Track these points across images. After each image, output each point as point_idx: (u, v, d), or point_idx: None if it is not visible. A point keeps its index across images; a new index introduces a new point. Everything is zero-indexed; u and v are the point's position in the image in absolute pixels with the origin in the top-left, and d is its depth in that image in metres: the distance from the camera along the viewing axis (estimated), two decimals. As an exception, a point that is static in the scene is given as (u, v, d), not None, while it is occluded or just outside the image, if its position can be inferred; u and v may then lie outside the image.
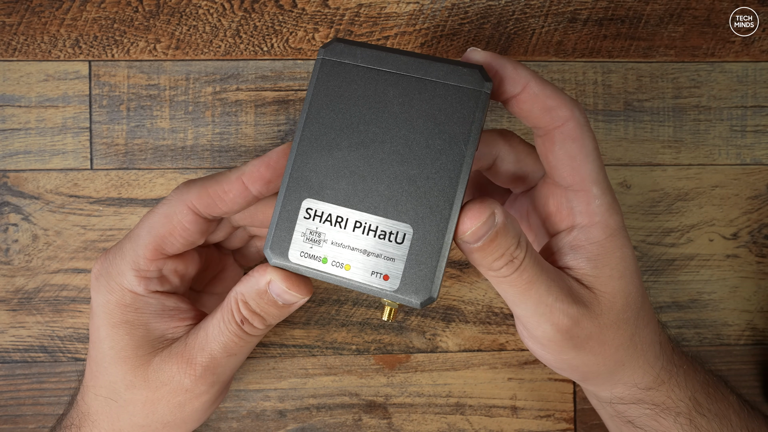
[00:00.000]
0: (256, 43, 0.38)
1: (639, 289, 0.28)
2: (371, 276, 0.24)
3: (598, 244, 0.27)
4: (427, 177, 0.24)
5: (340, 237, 0.25)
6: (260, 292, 0.26)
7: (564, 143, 0.26)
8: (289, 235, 0.25)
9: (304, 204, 0.25)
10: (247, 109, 0.38)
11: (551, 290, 0.26)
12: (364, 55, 0.25)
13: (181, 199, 0.28)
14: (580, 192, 0.27)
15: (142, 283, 0.29)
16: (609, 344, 0.28)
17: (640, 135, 0.39)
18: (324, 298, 0.39)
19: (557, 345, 0.27)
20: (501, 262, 0.25)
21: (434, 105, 0.25)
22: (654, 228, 0.39)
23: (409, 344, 0.38)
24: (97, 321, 0.29)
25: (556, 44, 0.39)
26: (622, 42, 0.39)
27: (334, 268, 0.24)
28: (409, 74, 0.25)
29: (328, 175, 0.25)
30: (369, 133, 0.25)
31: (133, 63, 0.37)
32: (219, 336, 0.28)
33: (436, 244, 0.24)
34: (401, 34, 0.38)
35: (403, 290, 0.24)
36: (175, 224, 0.28)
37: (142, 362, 0.29)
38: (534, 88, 0.25)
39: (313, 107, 0.25)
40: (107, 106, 0.37)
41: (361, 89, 0.25)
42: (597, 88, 0.39)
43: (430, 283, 0.24)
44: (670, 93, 0.39)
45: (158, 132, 0.38)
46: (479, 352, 0.38)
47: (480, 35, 0.39)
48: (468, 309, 0.39)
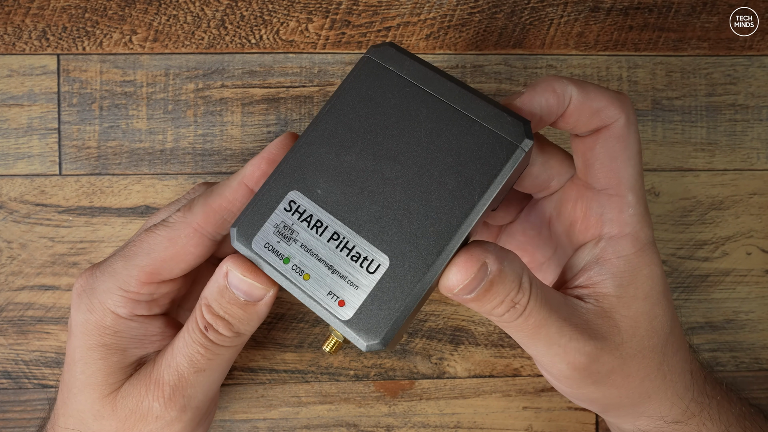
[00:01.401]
0: (243, 35, 0.36)
1: (667, 313, 0.27)
2: (327, 296, 0.24)
3: (626, 259, 0.26)
4: (426, 215, 0.24)
5: (312, 242, 0.24)
6: (221, 288, 0.25)
7: (607, 141, 0.26)
8: (261, 221, 0.24)
9: (289, 195, 0.24)
10: (233, 108, 0.36)
11: (563, 331, 0.25)
12: (411, 67, 0.25)
13: (185, 222, 0.28)
14: (614, 197, 0.26)
15: (127, 306, 0.28)
16: (634, 376, 0.27)
17: (669, 137, 0.38)
18: (318, 319, 0.37)
19: (574, 381, 0.26)
20: (501, 308, 0.24)
21: (463, 143, 0.24)
22: (685, 240, 0.38)
23: (413, 369, 0.37)
24: (74, 341, 0.28)
25: (576, 36, 0.37)
26: (649, 33, 0.38)
27: (292, 272, 0.24)
28: (449, 102, 0.25)
29: (326, 175, 0.24)
30: (385, 148, 0.24)
31: (107, 57, 0.36)
32: (184, 348, 0.27)
33: (407, 288, 0.23)
34: (404, 25, 0.37)
35: (353, 324, 0.23)
36: (179, 248, 0.28)
37: (111, 390, 0.28)
38: (578, 96, 0.25)
39: (339, 102, 0.25)
40: (78, 104, 0.36)
41: (395, 101, 0.25)
42: (622, 84, 0.38)
43: (384, 328, 0.23)
44: (704, 90, 0.38)
45: (134, 133, 0.36)
46: (491, 378, 0.37)
47: (492, 26, 0.37)
48: (478, 330, 0.37)
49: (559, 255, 0.30)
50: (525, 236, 0.31)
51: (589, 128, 0.26)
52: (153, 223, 0.29)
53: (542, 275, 0.31)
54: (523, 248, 0.31)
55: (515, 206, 0.32)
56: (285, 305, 0.36)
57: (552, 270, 0.31)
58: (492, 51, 0.37)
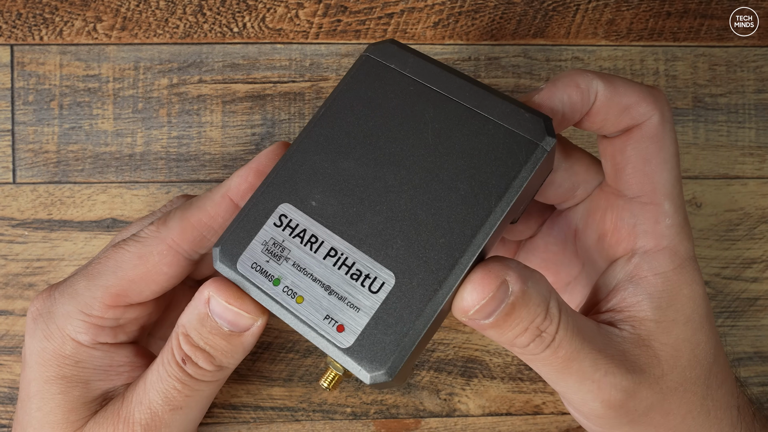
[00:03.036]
0: (224, 23, 0.35)
1: (710, 339, 0.26)
2: (324, 320, 0.22)
3: (664, 276, 0.25)
4: (436, 226, 0.22)
5: (306, 261, 0.23)
6: (201, 316, 0.24)
7: (639, 142, 0.25)
8: (248, 238, 0.24)
9: (280, 209, 0.24)
10: (213, 106, 0.35)
11: (598, 364, 0.24)
12: (415, 64, 0.24)
13: (159, 238, 0.27)
14: (649, 206, 0.25)
15: (90, 332, 0.27)
16: (674, 413, 0.25)
17: (713, 139, 0.36)
18: (311, 348, 0.35)
19: (608, 421, 0.25)
20: (526, 338, 0.23)
21: (476, 144, 0.23)
22: (731, 258, 0.36)
23: (419, 406, 0.35)
24: (29, 373, 0.27)
25: (606, 24, 0.36)
26: (690, 21, 0.36)
27: (284, 295, 0.23)
28: (459, 100, 0.24)
29: (321, 185, 0.24)
30: (388, 153, 0.24)
31: (67, 48, 0.35)
32: (158, 383, 0.26)
33: (416, 309, 0.22)
34: (408, 11, 0.35)
35: (355, 352, 0.22)
36: (151, 267, 0.27)
37: (73, 429, 0.27)
38: (604, 92, 0.24)
39: (335, 105, 0.24)
40: (34, 102, 0.35)
41: (398, 101, 0.24)
42: (658, 79, 0.36)
43: (391, 355, 0.22)
44: (752, 86, 0.36)
45: (99, 136, 0.35)
46: (508, 417, 0.35)
47: (509, 12, 0.35)
48: (494, 361, 0.35)
49: (587, 273, 0.29)
50: (548, 253, 0.30)
51: (619, 128, 0.25)
52: (122, 238, 0.28)
53: (568, 297, 0.30)
54: (546, 266, 0.30)
55: (536, 218, 0.31)
56: (272, 333, 0.35)
57: (579, 291, 0.30)
58: (509, 41, 0.35)
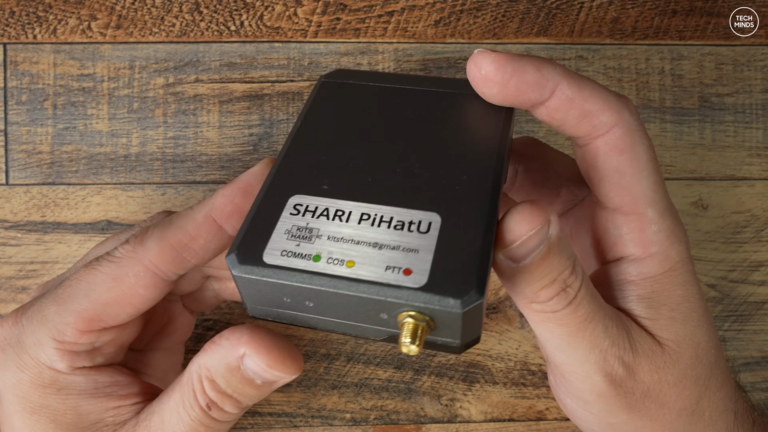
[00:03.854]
0: (221, 21, 0.34)
1: (711, 339, 0.26)
2: (386, 271, 0.20)
3: (653, 280, 0.25)
4: (453, 171, 0.22)
5: (342, 231, 0.21)
6: (231, 368, 0.23)
7: (609, 156, 0.24)
8: (267, 233, 0.21)
9: (291, 200, 0.22)
10: (210, 106, 0.34)
11: (608, 332, 0.23)
12: (371, 75, 0.26)
13: (135, 258, 0.25)
14: (631, 216, 0.25)
15: (65, 359, 0.25)
16: (669, 408, 0.25)
17: (720, 140, 0.36)
18: (309, 352, 0.34)
19: (606, 402, 0.25)
20: (551, 290, 0.22)
21: (453, 112, 0.24)
22: (738, 261, 0.35)
23: (420, 412, 0.34)
24: (8, 408, 0.26)
25: (610, 22, 0.35)
26: (696, 19, 0.36)
27: (331, 266, 0.20)
28: (423, 88, 0.25)
29: (324, 172, 0.22)
30: (378, 134, 0.24)
31: (62, 46, 0.34)
32: (179, 425, 0.25)
33: (476, 229, 0.21)
34: (409, 9, 0.34)
35: (434, 286, 0.19)
36: (126, 290, 0.25)
37: None
38: (566, 90, 0.23)
39: (310, 115, 0.25)
40: (27, 102, 0.34)
41: (368, 101, 0.25)
42: (664, 79, 0.35)
43: (473, 275, 0.19)
44: (760, 85, 0.36)
45: (94, 136, 0.34)
46: (511, 423, 0.34)
47: (512, 10, 0.35)
48: (496, 366, 0.34)
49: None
50: None
51: (578, 132, 0.25)
52: (96, 255, 0.27)
53: None
54: None
55: None
56: (270, 337, 0.33)
57: None
58: (512, 40, 0.35)
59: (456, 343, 0.20)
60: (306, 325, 0.21)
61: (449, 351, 0.21)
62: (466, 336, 0.20)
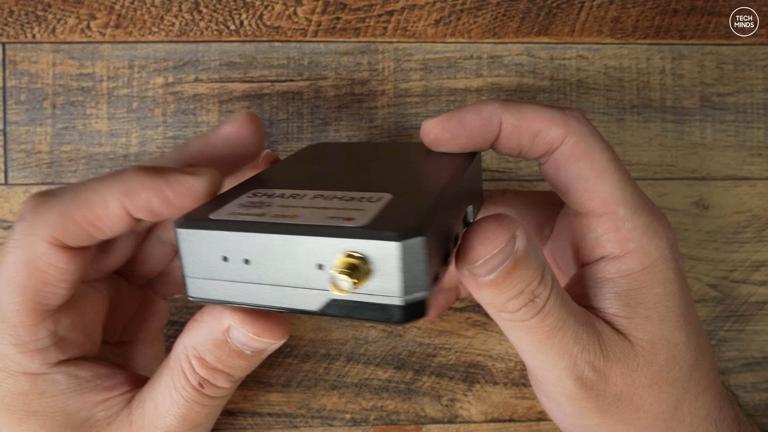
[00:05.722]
0: (221, 20, 0.34)
1: (690, 340, 0.25)
2: (327, 220, 0.19)
3: (631, 277, 0.25)
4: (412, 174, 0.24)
5: (294, 202, 0.21)
6: (218, 343, 0.23)
7: (569, 165, 0.25)
8: (219, 203, 0.21)
9: (252, 192, 0.23)
10: (209, 105, 0.34)
11: (578, 338, 0.23)
12: (352, 142, 0.31)
13: (37, 235, 0.24)
14: (603, 217, 0.25)
15: (34, 359, 0.25)
16: (645, 411, 0.25)
17: (720, 140, 0.35)
18: (309, 353, 0.34)
19: (578, 405, 0.25)
20: (518, 302, 0.22)
21: (418, 153, 0.26)
22: (739, 261, 0.35)
23: (420, 412, 0.34)
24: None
25: (611, 21, 0.35)
26: (697, 18, 0.35)
27: (274, 218, 0.20)
28: (390, 143, 0.30)
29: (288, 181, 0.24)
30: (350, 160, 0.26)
31: (61, 46, 0.34)
32: (173, 407, 0.25)
33: (425, 200, 0.21)
34: (409, 9, 0.34)
35: (374, 227, 0.19)
36: (45, 269, 0.24)
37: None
38: (510, 119, 0.25)
39: (286, 160, 0.27)
40: (26, 102, 0.34)
41: (345, 150, 0.28)
42: (665, 78, 0.35)
43: (415, 219, 0.19)
44: (761, 85, 0.36)
45: (93, 136, 0.34)
46: (511, 423, 0.34)
47: (512, 10, 0.35)
48: (497, 367, 0.34)
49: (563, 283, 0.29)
50: None
51: (538, 153, 0.26)
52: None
53: None
54: None
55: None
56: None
57: None
58: (512, 39, 0.34)
59: (396, 300, 0.18)
60: (244, 302, 0.21)
61: (390, 320, 0.19)
62: (407, 288, 0.18)
